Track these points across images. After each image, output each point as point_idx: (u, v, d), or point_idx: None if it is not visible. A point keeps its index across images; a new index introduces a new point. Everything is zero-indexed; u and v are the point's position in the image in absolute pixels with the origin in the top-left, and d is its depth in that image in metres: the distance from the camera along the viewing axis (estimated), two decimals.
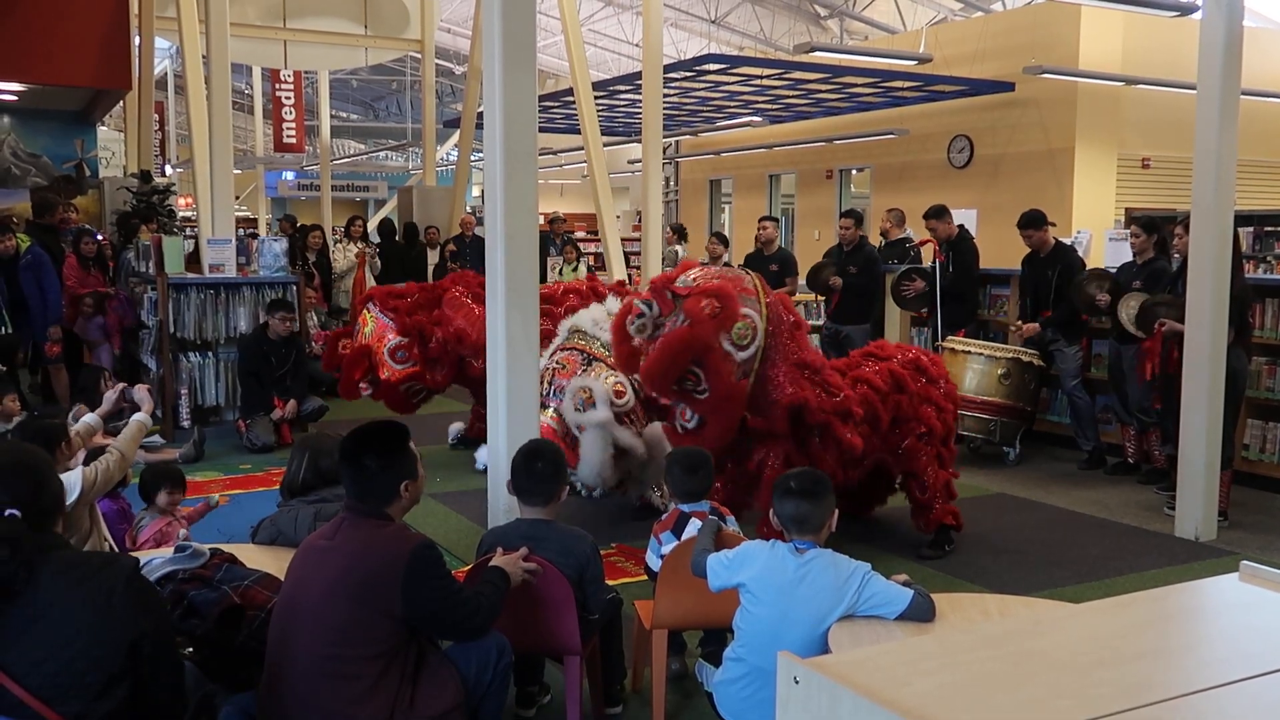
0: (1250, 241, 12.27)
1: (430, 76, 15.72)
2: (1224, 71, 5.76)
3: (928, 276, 8.34)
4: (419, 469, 3.12)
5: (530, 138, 4.92)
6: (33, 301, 8.65)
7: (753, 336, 4.63)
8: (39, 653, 2.35)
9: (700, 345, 4.52)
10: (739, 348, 4.60)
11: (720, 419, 4.70)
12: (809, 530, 3.11)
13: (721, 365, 4.56)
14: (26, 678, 2.33)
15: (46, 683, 2.33)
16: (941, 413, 5.36)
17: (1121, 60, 14.09)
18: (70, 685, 2.34)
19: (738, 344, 4.60)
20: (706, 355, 4.54)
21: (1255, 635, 1.73)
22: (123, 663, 2.41)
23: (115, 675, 2.40)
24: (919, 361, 5.44)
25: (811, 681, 1.46)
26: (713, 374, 4.57)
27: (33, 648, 2.35)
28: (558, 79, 26.30)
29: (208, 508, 4.89)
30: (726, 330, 4.56)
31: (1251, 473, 6.90)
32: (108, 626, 2.39)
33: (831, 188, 18.49)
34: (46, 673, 2.34)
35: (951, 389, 5.58)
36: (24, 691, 2.32)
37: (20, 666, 2.34)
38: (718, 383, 4.59)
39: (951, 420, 5.49)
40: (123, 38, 10.80)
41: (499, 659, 3.10)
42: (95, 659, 2.37)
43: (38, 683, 2.33)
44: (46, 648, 2.35)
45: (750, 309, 4.65)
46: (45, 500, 2.60)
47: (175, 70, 21.48)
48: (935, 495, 5.38)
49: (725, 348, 4.57)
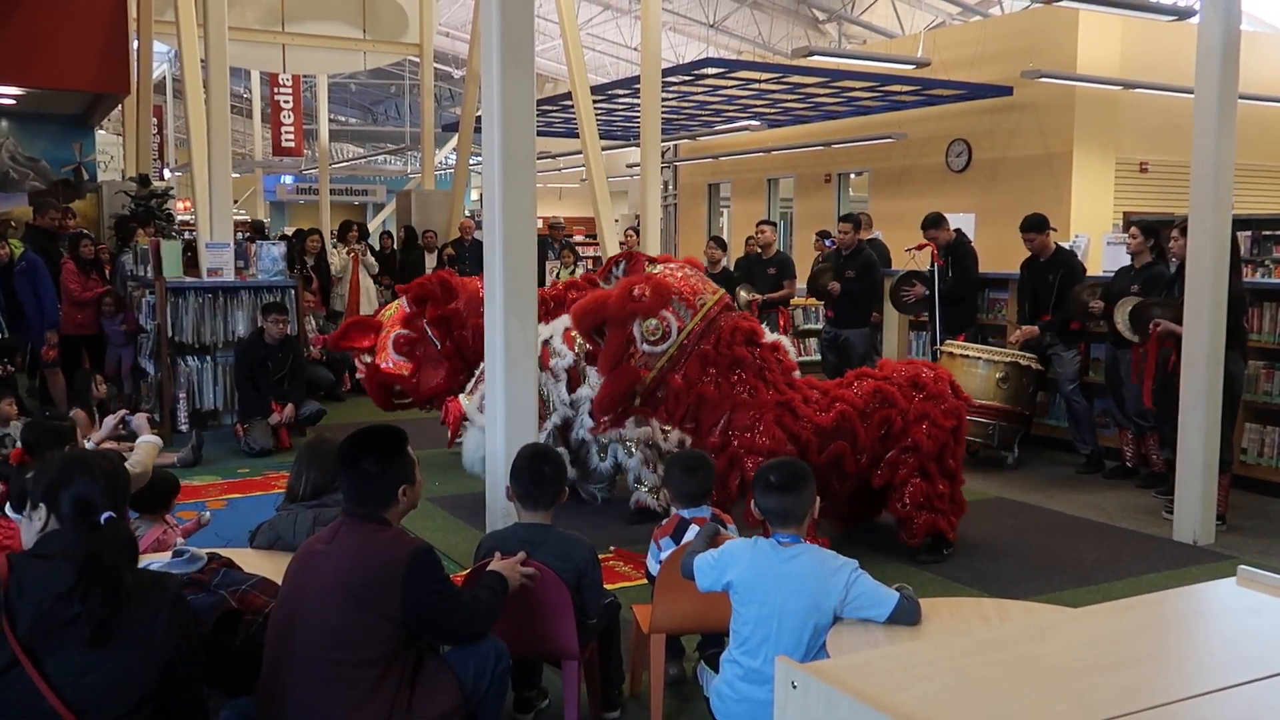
0: (1248, 246, 12.28)
1: (429, 80, 15.72)
2: (1222, 75, 5.77)
3: (927, 281, 8.34)
4: (417, 473, 3.12)
5: (529, 142, 4.91)
6: (28, 306, 8.65)
7: (663, 337, 5.11)
8: (80, 665, 2.35)
9: (606, 314, 5.12)
10: (647, 340, 5.11)
11: (607, 385, 5.24)
12: (791, 523, 3.12)
13: (616, 340, 5.12)
14: (64, 689, 2.33)
15: (83, 695, 2.34)
16: (935, 429, 5.34)
17: (1119, 64, 14.10)
18: (105, 700, 2.36)
19: (646, 337, 5.11)
20: (611, 326, 5.13)
21: (1253, 640, 1.73)
22: (156, 683, 2.42)
23: (148, 694, 2.42)
24: (919, 378, 5.44)
25: (809, 686, 1.46)
26: (606, 343, 5.17)
27: (75, 660, 2.35)
28: (556, 83, 26.34)
29: (198, 525, 4.88)
30: (641, 318, 5.09)
31: (1250, 477, 6.90)
32: (150, 646, 2.41)
33: (830, 191, 18.50)
34: (84, 686, 2.34)
35: (956, 405, 5.50)
36: (59, 702, 2.32)
37: (59, 677, 2.34)
38: (605, 353, 5.17)
39: (947, 437, 5.43)
40: (121, 42, 10.79)
41: (497, 663, 3.10)
42: (133, 676, 2.39)
43: (74, 695, 2.34)
44: (88, 661, 2.36)
45: (674, 316, 5.11)
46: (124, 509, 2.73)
47: (174, 74, 21.48)
48: (914, 507, 5.36)
49: (633, 331, 5.11)
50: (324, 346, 10.31)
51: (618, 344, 5.11)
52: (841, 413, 5.20)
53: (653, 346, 5.09)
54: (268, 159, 25.05)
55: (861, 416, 5.24)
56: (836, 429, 5.18)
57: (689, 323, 5.03)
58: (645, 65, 10.99)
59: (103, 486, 2.59)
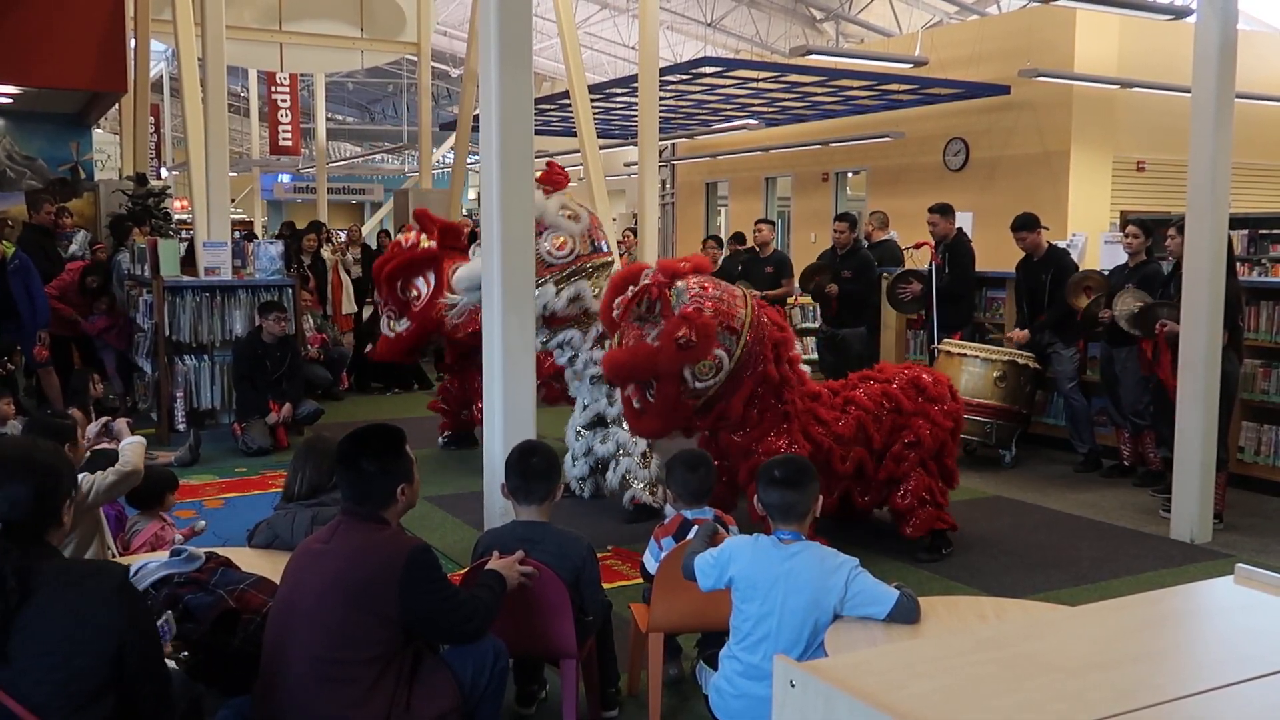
0: (1244, 244, 12.29)
1: (426, 79, 15.70)
2: (1219, 75, 5.77)
3: (924, 279, 8.35)
4: (415, 472, 3.12)
5: (526, 140, 4.91)
6: (21, 306, 8.62)
7: (715, 372, 4.90)
8: (26, 661, 2.33)
9: (659, 370, 4.86)
10: (698, 379, 4.89)
11: (658, 420, 5.05)
12: (793, 519, 3.12)
13: (671, 391, 4.89)
14: (13, 686, 2.31)
15: (33, 691, 2.31)
16: (935, 427, 5.38)
17: (1117, 63, 14.11)
18: (57, 694, 2.32)
19: (699, 377, 4.89)
20: (663, 380, 4.89)
21: (1250, 638, 1.73)
22: (109, 672, 2.39)
23: (103, 685, 2.38)
24: (919, 380, 5.49)
25: (807, 685, 1.46)
26: (660, 390, 4.91)
27: (20, 656, 2.33)
28: (554, 82, 26.31)
29: (193, 533, 4.88)
30: (691, 364, 4.84)
31: (1247, 475, 6.91)
32: (94, 636, 2.37)
33: (827, 190, 18.49)
34: (33, 681, 2.31)
35: (954, 408, 5.57)
36: (12, 700, 2.30)
37: (7, 675, 2.32)
38: (660, 399, 4.93)
39: (946, 436, 5.47)
40: (118, 40, 10.77)
41: (495, 662, 3.10)
42: (81, 668, 2.35)
43: (25, 691, 2.31)
44: (33, 656, 2.33)
45: (723, 348, 4.88)
46: (48, 507, 2.53)
47: (171, 73, 21.45)
48: (917, 502, 5.38)
49: (684, 375, 4.87)
50: (322, 345, 10.32)
51: (672, 395, 4.90)
52: (859, 419, 5.24)
53: (703, 382, 4.91)
54: (265, 158, 25.01)
55: (875, 421, 5.29)
56: (854, 436, 5.23)
57: (736, 349, 4.91)
58: (643, 64, 10.98)
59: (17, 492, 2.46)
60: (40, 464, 2.53)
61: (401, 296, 7.64)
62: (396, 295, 7.65)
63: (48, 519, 2.52)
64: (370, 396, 10.82)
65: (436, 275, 7.58)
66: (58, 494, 2.54)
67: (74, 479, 2.73)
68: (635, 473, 6.20)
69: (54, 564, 2.47)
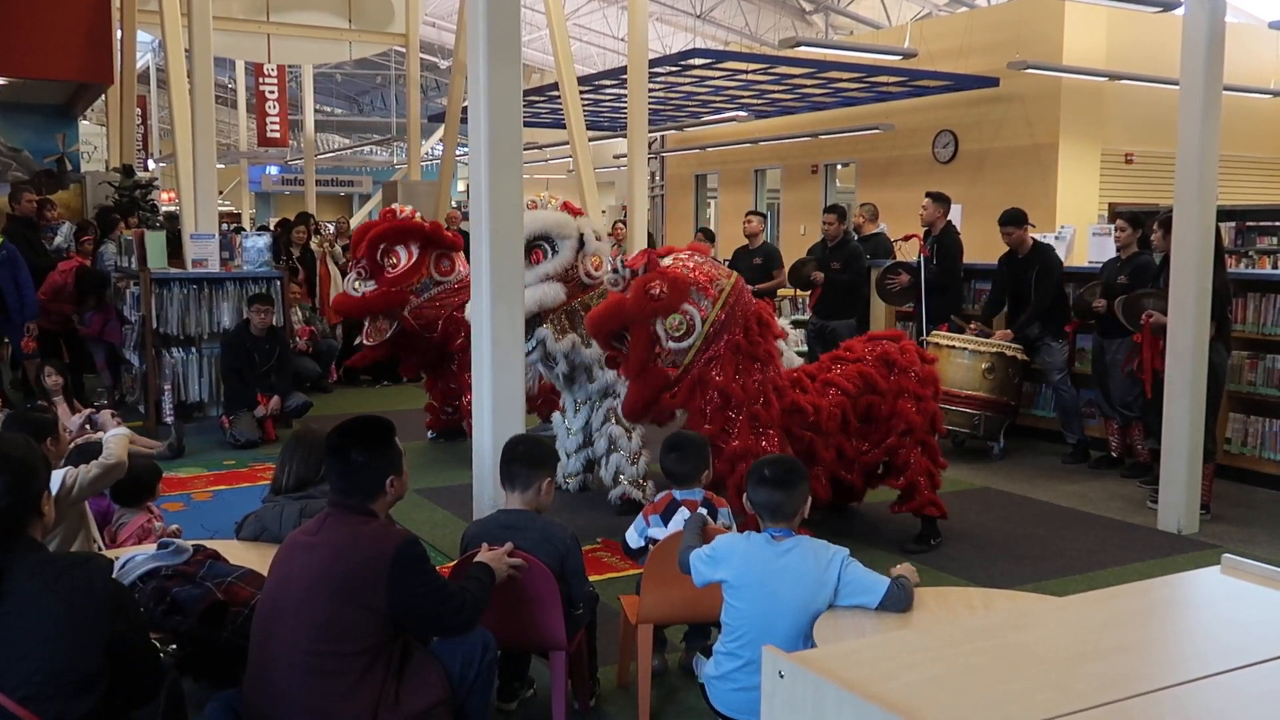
0: (1232, 236, 12.35)
1: (415, 71, 15.67)
2: (1207, 67, 5.79)
3: (913, 271, 8.36)
4: (404, 464, 3.11)
5: (515, 132, 4.90)
6: (9, 298, 8.58)
7: (688, 331, 4.92)
8: (13, 653, 2.32)
9: (628, 317, 4.94)
10: (672, 337, 4.93)
11: (635, 388, 5.07)
12: (782, 518, 3.12)
13: (642, 342, 4.94)
14: (2, 678, 2.31)
15: (22, 682, 2.31)
16: (921, 403, 5.39)
17: (1105, 56, 14.15)
18: (46, 685, 2.32)
19: (671, 334, 4.92)
20: (634, 328, 4.96)
21: (1237, 628, 1.74)
22: (98, 663, 2.38)
23: (92, 675, 2.37)
24: (888, 355, 5.47)
25: (796, 675, 1.46)
26: (632, 346, 4.99)
27: (7, 648, 2.33)
28: (543, 73, 26.25)
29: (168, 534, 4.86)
30: (662, 316, 4.90)
31: (1234, 466, 6.94)
32: (82, 626, 2.37)
33: (817, 183, 18.51)
34: (22, 673, 2.31)
35: (928, 371, 5.53)
36: (0, 693, 2.30)
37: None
38: (632, 356, 5.00)
39: (933, 406, 5.48)
40: (105, 31, 10.73)
41: (484, 655, 3.09)
42: (70, 659, 2.35)
43: (14, 683, 2.31)
44: (21, 648, 2.33)
45: (696, 307, 4.91)
46: (24, 499, 2.52)
47: (158, 64, 21.34)
48: (919, 482, 5.41)
49: (656, 330, 4.93)
50: (310, 338, 10.29)
51: (643, 346, 4.94)
52: (839, 403, 5.25)
53: (678, 343, 4.93)
54: (253, 150, 24.95)
55: (852, 403, 5.30)
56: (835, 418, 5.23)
57: (711, 312, 4.91)
58: (632, 56, 10.97)
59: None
60: (12, 457, 2.52)
61: (379, 261, 7.69)
62: (374, 259, 7.69)
63: (27, 511, 2.51)
64: (359, 389, 10.80)
65: (420, 250, 7.72)
66: (33, 486, 2.53)
67: (49, 471, 2.73)
68: (624, 469, 6.21)
69: (37, 556, 2.46)
